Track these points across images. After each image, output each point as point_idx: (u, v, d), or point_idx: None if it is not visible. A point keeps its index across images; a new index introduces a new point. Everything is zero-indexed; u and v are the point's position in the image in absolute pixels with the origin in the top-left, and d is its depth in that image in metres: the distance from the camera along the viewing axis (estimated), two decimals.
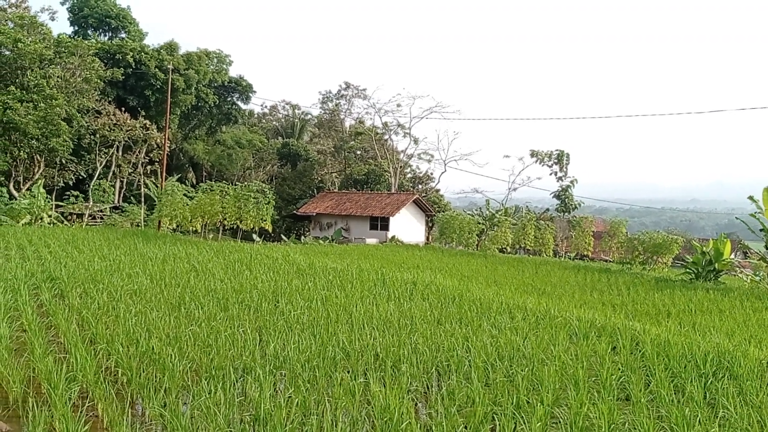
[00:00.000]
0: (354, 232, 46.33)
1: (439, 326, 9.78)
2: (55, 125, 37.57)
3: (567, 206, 61.26)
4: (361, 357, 7.83)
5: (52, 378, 6.55)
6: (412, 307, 11.38)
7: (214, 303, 11.18)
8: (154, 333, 8.71)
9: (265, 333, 8.97)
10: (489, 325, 9.93)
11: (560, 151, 59.70)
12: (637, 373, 7.66)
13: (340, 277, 15.20)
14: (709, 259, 25.03)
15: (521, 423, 5.81)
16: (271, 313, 10.38)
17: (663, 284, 22.48)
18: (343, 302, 11.59)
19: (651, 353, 8.41)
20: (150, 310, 10.40)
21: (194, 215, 28.96)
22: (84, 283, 12.99)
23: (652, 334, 9.72)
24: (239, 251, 21.58)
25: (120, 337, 8.46)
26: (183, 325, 9.24)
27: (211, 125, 57.11)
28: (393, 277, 15.58)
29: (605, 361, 7.92)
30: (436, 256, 30.32)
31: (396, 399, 5.99)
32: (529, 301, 13.23)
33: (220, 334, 8.59)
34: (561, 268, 27.33)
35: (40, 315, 10.15)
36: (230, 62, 54.99)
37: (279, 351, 7.83)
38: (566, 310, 11.94)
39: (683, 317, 15.00)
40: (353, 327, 9.42)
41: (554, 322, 10.59)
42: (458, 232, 37.62)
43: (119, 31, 52.49)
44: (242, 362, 7.46)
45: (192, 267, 16.47)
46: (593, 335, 9.68)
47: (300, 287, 13.26)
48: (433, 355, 7.99)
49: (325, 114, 62.67)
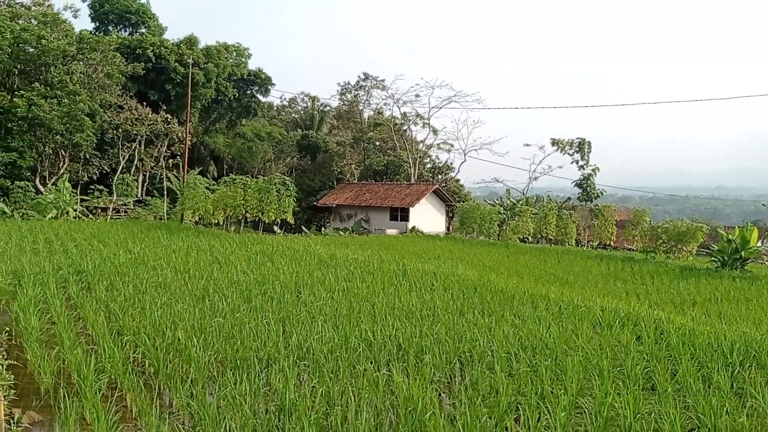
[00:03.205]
0: (374, 223, 46.37)
1: (462, 317, 9.79)
2: (78, 120, 38.02)
3: (589, 195, 60.74)
4: (384, 348, 7.88)
5: (82, 369, 6.68)
6: (434, 298, 11.40)
7: (238, 295, 11.29)
8: (179, 324, 8.82)
9: (288, 324, 9.05)
10: (511, 316, 9.91)
11: (581, 139, 59.12)
12: (662, 363, 7.61)
13: (362, 268, 15.25)
14: (735, 247, 24.69)
15: (545, 413, 5.81)
16: (293, 304, 10.46)
17: (688, 273, 22.24)
18: (364, 293, 11.64)
19: (676, 343, 8.35)
20: (175, 301, 10.53)
21: (216, 208, 29.19)
22: (110, 276, 13.18)
23: (676, 324, 9.65)
24: (261, 243, 21.73)
25: (146, 328, 8.59)
26: (207, 317, 9.35)
27: (231, 118, 57.38)
28: (414, 267, 15.60)
29: (630, 351, 7.88)
30: (456, 247, 30.26)
31: (419, 389, 6.02)
32: (552, 291, 13.18)
33: (244, 326, 8.68)
34: (583, 257, 27.15)
35: (69, 307, 10.33)
36: (249, 55, 55.18)
37: (302, 342, 7.90)
38: (589, 300, 11.88)
39: (709, 306, 14.85)
40: (375, 318, 9.46)
41: (577, 311, 10.55)
42: (479, 222, 37.51)
43: (139, 26, 52.82)
44: (266, 353, 7.54)
45: (215, 259, 16.63)
46: (617, 325, 9.63)
47: (322, 278, 13.33)
48: (455, 345, 8.00)
49: (343, 105, 62.60)
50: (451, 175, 60.71)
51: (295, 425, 5.43)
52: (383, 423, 5.79)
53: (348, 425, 5.50)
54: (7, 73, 39.23)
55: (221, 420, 5.55)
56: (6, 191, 36.28)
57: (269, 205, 27.75)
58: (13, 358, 7.59)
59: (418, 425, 5.51)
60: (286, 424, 5.52)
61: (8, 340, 8.38)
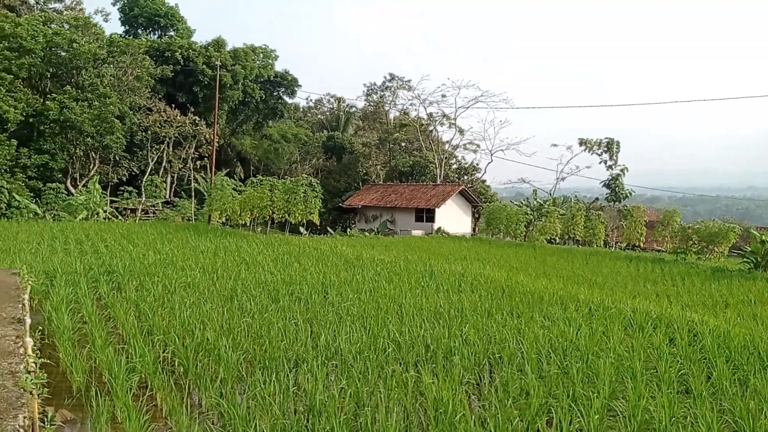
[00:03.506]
0: (399, 224, 46.30)
1: (490, 318, 9.70)
2: (109, 123, 38.61)
3: (617, 195, 59.94)
4: (412, 348, 7.83)
5: (113, 369, 6.74)
6: (462, 299, 11.32)
7: (265, 295, 11.33)
8: (208, 324, 8.88)
9: (315, 324, 9.05)
10: (541, 317, 9.80)
11: (610, 139, 58.37)
12: (696, 366, 7.46)
13: (388, 269, 15.22)
14: None
15: (578, 415, 5.72)
16: (320, 305, 10.46)
17: (719, 274, 21.83)
18: (391, 294, 11.60)
19: (711, 345, 8.17)
20: (203, 302, 10.61)
21: (243, 209, 29.41)
22: (139, 276, 13.33)
23: (710, 325, 9.45)
24: (288, 244, 21.83)
25: (176, 328, 8.66)
26: (236, 317, 9.39)
27: (258, 120, 57.75)
28: (441, 268, 15.52)
29: (663, 353, 7.73)
30: (483, 248, 30.07)
31: (449, 391, 5.97)
32: (581, 292, 13.00)
33: (272, 326, 8.70)
34: (612, 258, 26.79)
35: (99, 307, 10.46)
36: (276, 57, 55.45)
37: (330, 342, 7.89)
38: (620, 301, 11.70)
39: (742, 308, 14.56)
40: (403, 318, 9.42)
41: (608, 313, 10.39)
42: (506, 222, 37.23)
43: (168, 29, 53.45)
44: (294, 353, 7.54)
45: (242, 260, 16.73)
46: (649, 327, 9.46)
47: (348, 279, 13.32)
48: (484, 346, 7.93)
49: (369, 106, 62.64)
50: (477, 175, 60.37)
51: (325, 426, 5.42)
52: (412, 424, 5.75)
53: (378, 426, 5.46)
54: (39, 77, 39.98)
55: (251, 420, 5.56)
56: (38, 193, 36.96)
57: (296, 206, 27.87)
58: (45, 356, 7.70)
59: (449, 428, 5.45)
60: (315, 424, 5.51)
61: (41, 339, 8.50)
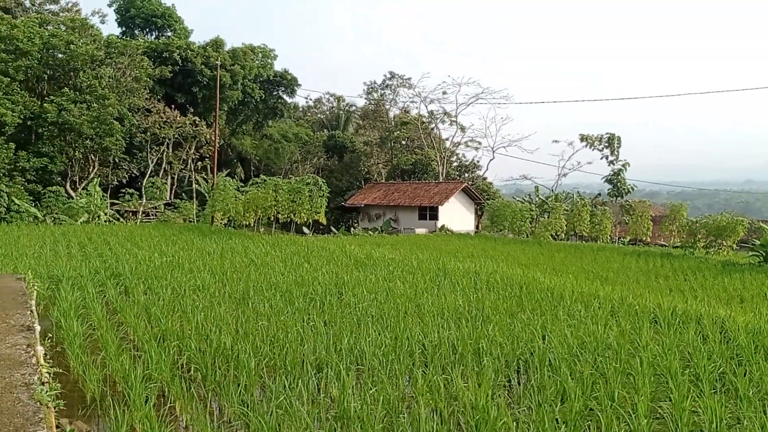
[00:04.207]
0: (403, 223, 46.02)
1: (513, 317, 9.40)
2: (108, 125, 38.28)
3: (619, 190, 59.71)
4: (438, 351, 7.53)
5: (129, 377, 6.43)
6: (481, 298, 11.03)
7: (279, 297, 11.02)
8: (223, 328, 8.58)
9: (334, 327, 8.73)
10: (565, 315, 9.50)
11: (611, 134, 58.13)
12: (733, 364, 7.17)
13: (401, 268, 14.92)
14: None
15: (624, 419, 5.42)
16: (337, 306, 10.16)
17: (730, 268, 21.54)
18: (408, 293, 11.31)
19: (746, 342, 7.87)
20: (216, 305, 10.31)
21: (247, 209, 29.07)
22: (147, 279, 13.03)
23: (740, 322, 9.15)
24: (294, 244, 21.52)
25: (190, 333, 8.35)
26: (251, 320, 9.09)
27: (258, 120, 57.41)
28: (454, 267, 15.22)
29: (698, 351, 7.44)
30: (489, 245, 29.77)
31: (485, 396, 5.67)
32: (599, 289, 12.70)
33: (290, 329, 8.40)
34: (620, 254, 26.49)
35: (109, 312, 10.14)
36: (275, 56, 55.13)
37: (353, 345, 7.59)
38: (642, 297, 11.40)
39: (758, 303, 14.27)
40: (424, 319, 9.12)
41: (632, 310, 10.10)
42: (510, 219, 36.95)
43: (165, 30, 53.12)
44: (317, 357, 7.24)
45: (250, 261, 16.42)
46: (677, 323, 9.17)
47: (362, 279, 13.02)
48: (512, 347, 7.63)
49: (370, 105, 62.29)
50: (478, 173, 60.09)
51: None
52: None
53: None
54: (36, 79, 39.63)
55: (279, 430, 5.26)
56: (38, 196, 36.61)
57: (301, 205, 27.53)
58: (56, 364, 7.39)
59: None
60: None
61: (51, 347, 8.19)
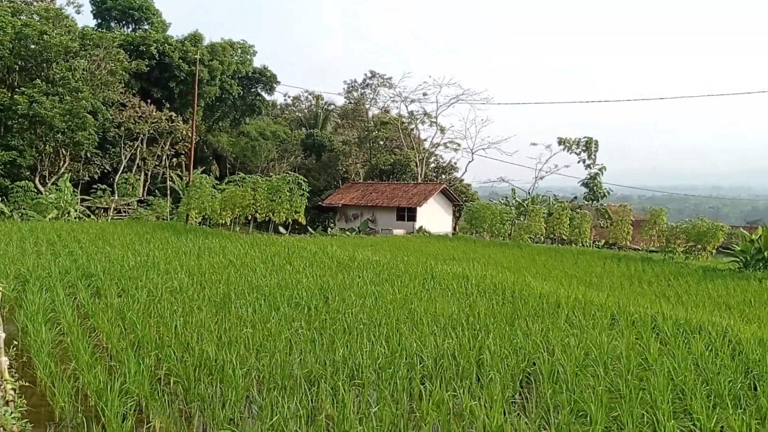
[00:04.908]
0: (380, 223, 45.53)
1: (512, 326, 8.95)
2: (80, 118, 37.14)
3: (595, 194, 59.93)
4: (439, 363, 7.04)
5: (103, 391, 5.85)
6: (474, 304, 10.57)
7: (262, 301, 10.45)
8: (205, 336, 8.00)
9: (324, 335, 8.19)
10: (566, 324, 9.08)
11: (588, 138, 58.23)
12: (749, 378, 6.81)
13: (387, 271, 14.41)
14: (758, 247, 23.92)
15: None
16: (325, 312, 9.61)
17: (711, 274, 21.46)
18: (398, 299, 10.81)
19: (760, 356, 7.51)
20: (195, 309, 9.71)
21: (224, 208, 28.31)
22: (121, 280, 12.36)
23: (746, 333, 8.82)
24: (274, 244, 20.88)
25: (170, 341, 7.76)
26: (235, 327, 8.52)
27: (235, 117, 56.43)
28: (441, 270, 14.76)
29: (710, 365, 7.06)
30: (469, 247, 29.43)
31: (497, 415, 5.21)
32: (595, 296, 12.34)
33: (278, 337, 7.85)
34: (600, 257, 26.33)
35: (80, 317, 9.49)
36: (254, 53, 54.18)
37: (347, 357, 7.06)
38: (639, 305, 11.05)
39: (745, 310, 14.09)
40: (419, 328, 8.62)
41: (632, 318, 9.73)
42: (489, 221, 36.66)
43: (142, 23, 51.91)
44: (309, 370, 6.71)
45: (229, 261, 15.79)
46: (681, 334, 8.79)
47: (348, 283, 12.49)
48: (516, 359, 7.17)
49: (349, 104, 61.62)
50: (455, 174, 59.83)
51: None
52: None
53: None
54: (7, 70, 38.33)
55: None
56: (5, 191, 35.36)
57: (280, 205, 26.82)
58: (22, 376, 6.76)
59: None
60: None
61: (16, 356, 7.54)
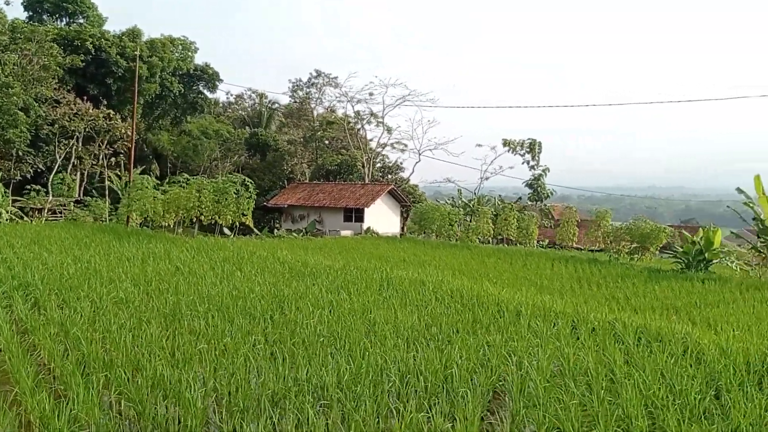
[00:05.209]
0: (327, 224, 45.13)
1: (475, 336, 8.79)
2: (11, 115, 35.44)
3: (539, 195, 61.09)
4: (405, 379, 6.80)
5: (51, 421, 5.39)
6: (434, 313, 10.39)
7: (215, 312, 10.00)
8: (156, 353, 7.55)
9: (285, 350, 7.84)
10: (529, 333, 8.99)
11: (532, 140, 59.26)
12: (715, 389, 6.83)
13: (341, 278, 14.10)
14: (699, 248, 24.66)
15: None
16: (283, 325, 9.25)
17: (656, 275, 21.97)
18: (356, 308, 10.54)
19: (724, 365, 7.55)
20: (144, 323, 9.20)
21: (167, 210, 27.39)
22: (61, 291, 11.69)
23: (704, 340, 8.91)
24: (221, 249, 20.26)
25: (120, 359, 7.28)
26: (189, 343, 8.08)
27: (176, 115, 55.00)
28: (397, 276, 14.54)
29: (677, 377, 7.05)
30: (419, 249, 29.38)
31: None
32: (553, 302, 12.35)
33: (237, 354, 7.47)
34: (548, 259, 26.66)
35: (18, 332, 8.86)
36: (196, 49, 52.94)
37: (311, 374, 6.75)
38: (596, 311, 11.09)
39: (692, 312, 14.42)
40: (383, 341, 8.36)
41: (592, 326, 9.73)
42: (438, 222, 36.76)
43: (77, 16, 49.98)
44: (272, 390, 6.36)
45: (176, 268, 15.20)
46: (643, 344, 8.80)
47: (303, 291, 12.14)
48: (486, 374, 7.00)
49: (295, 103, 60.85)
50: (401, 175, 59.88)
51: None
52: None
53: None
54: None
55: None
56: None
57: (227, 207, 26.10)
58: None
59: None
60: None
61: None
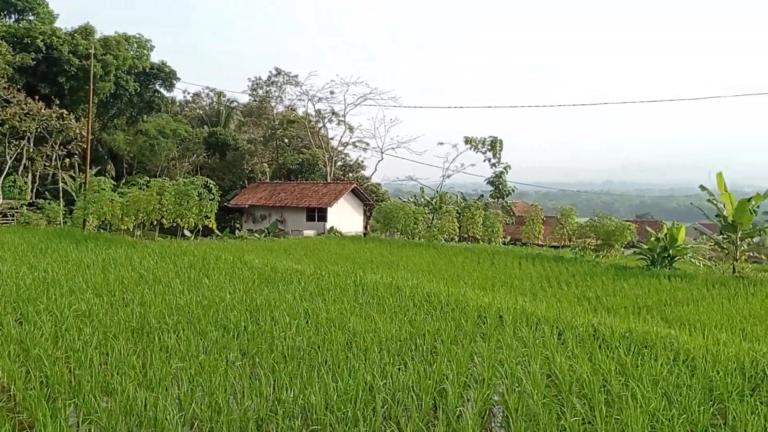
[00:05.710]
0: (290, 224, 44.51)
1: (461, 346, 8.48)
2: None
3: (501, 192, 61.41)
4: (396, 398, 6.43)
5: None
6: (416, 321, 10.05)
7: (185, 324, 9.49)
8: (127, 372, 7.05)
9: (265, 367, 7.41)
10: (516, 342, 8.72)
11: (494, 137, 59.52)
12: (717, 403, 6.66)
13: (314, 284, 13.67)
14: (664, 245, 24.92)
15: None
16: (258, 338, 8.80)
17: (622, 273, 22.07)
18: (334, 317, 10.13)
19: (718, 372, 7.40)
20: (111, 338, 8.64)
21: (127, 213, 26.46)
22: (18, 304, 11.00)
23: (690, 345, 8.78)
24: (185, 254, 19.57)
25: (87, 381, 6.75)
26: (161, 360, 7.58)
27: (132, 114, 53.59)
28: (371, 281, 14.16)
29: (675, 388, 6.86)
30: (385, 249, 29.08)
31: None
32: (534, 306, 12.15)
33: (214, 373, 7.01)
34: (515, 257, 26.64)
35: None
36: (152, 48, 51.65)
37: (297, 396, 6.34)
38: (578, 315, 10.92)
39: (664, 310, 14.45)
40: (365, 354, 7.99)
41: (578, 332, 9.51)
42: (403, 221, 36.51)
43: (26, 13, 48.23)
44: (255, 413, 5.94)
45: (140, 275, 14.54)
46: (633, 352, 8.60)
47: (276, 299, 11.67)
48: (480, 390, 6.68)
49: (254, 101, 59.90)
50: (362, 173, 59.54)
51: None
52: None
53: None
54: None
55: None
56: None
57: (189, 210, 25.32)
58: None
59: None
60: None
61: None
